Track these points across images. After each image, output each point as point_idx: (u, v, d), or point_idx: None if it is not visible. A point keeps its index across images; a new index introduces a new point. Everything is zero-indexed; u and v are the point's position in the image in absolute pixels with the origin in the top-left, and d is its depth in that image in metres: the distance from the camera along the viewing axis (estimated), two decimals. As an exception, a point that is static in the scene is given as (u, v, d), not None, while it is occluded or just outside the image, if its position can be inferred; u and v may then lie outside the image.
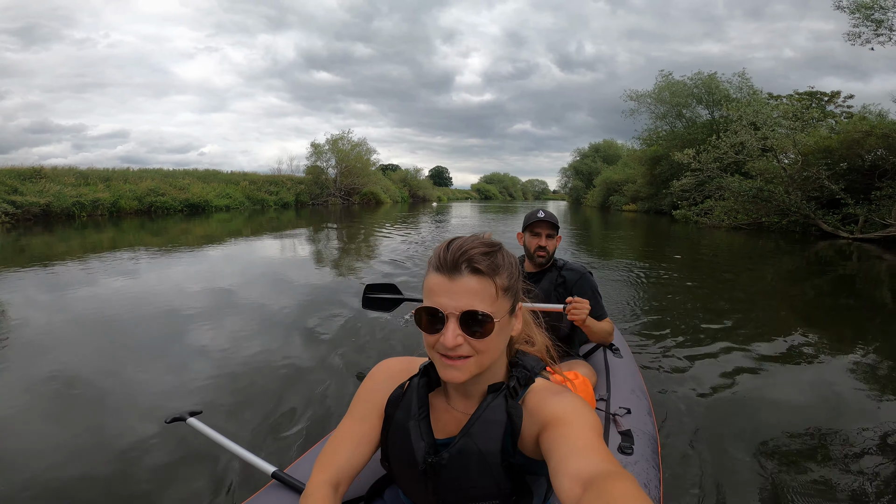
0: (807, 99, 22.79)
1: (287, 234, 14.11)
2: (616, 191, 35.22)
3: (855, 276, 8.25)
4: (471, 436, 0.81)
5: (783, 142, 14.23)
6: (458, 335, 0.76)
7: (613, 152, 51.83)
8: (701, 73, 24.38)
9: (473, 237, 0.82)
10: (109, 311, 4.81)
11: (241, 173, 32.14)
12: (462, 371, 0.79)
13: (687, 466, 2.12)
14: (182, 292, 5.64)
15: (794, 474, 2.13)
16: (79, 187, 20.87)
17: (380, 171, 42.54)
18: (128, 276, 6.83)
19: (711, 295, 6.15)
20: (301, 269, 7.93)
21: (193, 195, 25.02)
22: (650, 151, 27.12)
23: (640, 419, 1.70)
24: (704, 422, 2.57)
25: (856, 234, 12.17)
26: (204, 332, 4.18)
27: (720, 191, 16.91)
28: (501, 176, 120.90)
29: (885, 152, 12.26)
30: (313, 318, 4.56)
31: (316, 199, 33.59)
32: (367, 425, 0.91)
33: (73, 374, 3.19)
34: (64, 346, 3.83)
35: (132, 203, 22.10)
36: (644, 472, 1.41)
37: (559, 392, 0.82)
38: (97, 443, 2.33)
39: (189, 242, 11.54)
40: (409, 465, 0.86)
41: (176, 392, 2.92)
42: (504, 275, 0.80)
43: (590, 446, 0.70)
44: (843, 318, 5.42)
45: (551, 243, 2.10)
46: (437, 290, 0.78)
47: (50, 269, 7.45)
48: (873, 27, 12.28)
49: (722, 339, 4.10)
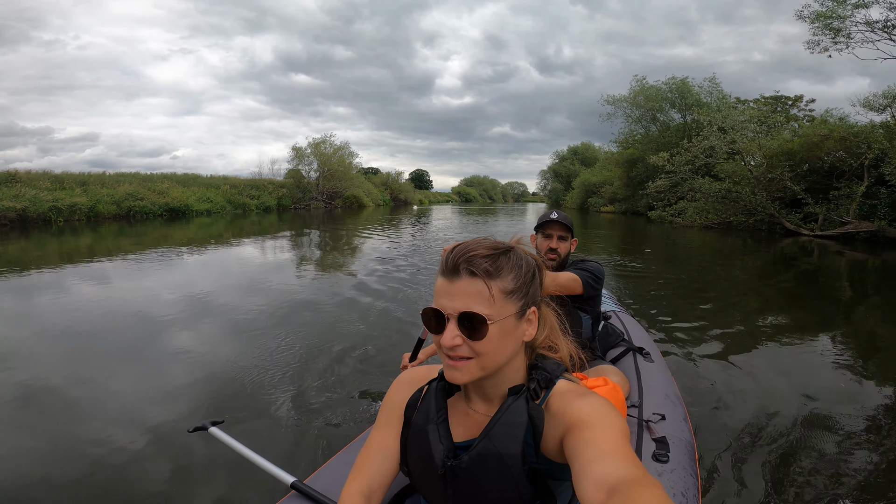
0: (772, 102, 23.97)
1: (270, 238, 14.06)
2: (594, 192, 36.04)
3: (818, 271, 8.75)
4: (491, 438, 0.81)
5: (749, 145, 15.05)
6: (455, 336, 0.77)
7: (591, 155, 53.03)
8: (674, 78, 25.37)
9: (478, 240, 0.83)
10: (90, 319, 4.66)
11: (221, 177, 31.71)
12: (463, 372, 0.79)
13: (725, 474, 2.09)
14: (160, 300, 5.43)
15: (838, 480, 2.10)
16: (54, 192, 20.39)
17: (361, 175, 42.59)
18: (108, 282, 6.73)
19: (736, 296, 6.25)
20: (294, 273, 7.77)
21: (173, 199, 24.58)
22: (626, 154, 27.99)
23: (675, 425, 1.66)
24: (740, 426, 2.53)
25: (816, 231, 13.01)
26: (210, 337, 4.10)
27: (692, 192, 17.75)
28: (481, 179, 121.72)
29: (843, 154, 13.08)
30: (322, 324, 4.45)
31: (298, 203, 33.47)
32: (391, 432, 0.92)
33: (52, 384, 3.10)
34: (44, 355, 3.70)
35: (110, 208, 21.62)
36: (681, 480, 1.37)
37: (584, 394, 0.81)
38: (81, 452, 2.30)
39: (171, 247, 11.33)
40: (429, 469, 0.86)
41: (189, 402, 2.87)
42: (509, 277, 0.80)
43: (615, 451, 0.68)
44: (807, 308, 5.73)
45: (563, 245, 2.03)
46: (440, 291, 0.80)
47: (25, 275, 7.28)
48: (832, 35, 13.11)
49: (759, 339, 4.17)
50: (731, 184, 15.91)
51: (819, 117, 16.56)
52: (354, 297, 5.51)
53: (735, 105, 23.17)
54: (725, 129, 15.86)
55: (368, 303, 5.26)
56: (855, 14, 12.42)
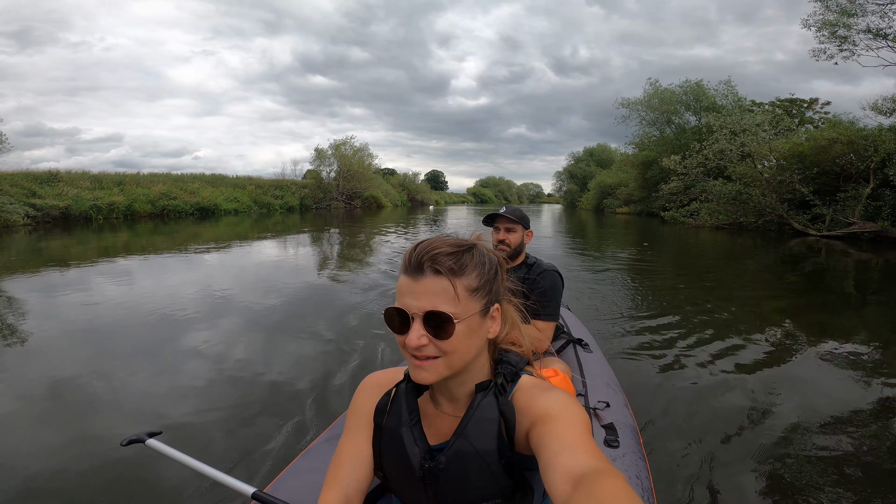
0: (787, 105, 24.13)
1: (291, 238, 14.31)
2: (610, 194, 36.31)
3: (825, 270, 9.01)
4: (465, 437, 0.81)
5: (760, 148, 15.48)
6: (421, 335, 0.77)
7: (607, 156, 53.12)
8: (689, 81, 25.65)
9: (441, 238, 0.82)
10: (112, 316, 4.83)
11: (246, 177, 32.92)
12: (430, 372, 0.79)
13: (668, 454, 2.21)
14: (180, 298, 5.57)
15: (769, 453, 2.23)
16: (94, 191, 21.59)
17: (381, 176, 43.55)
18: (138, 279, 7.01)
19: (683, 288, 6.46)
20: (301, 275, 7.58)
21: (203, 199, 25.72)
22: (642, 156, 28.31)
23: (619, 412, 1.73)
24: (677, 409, 2.69)
25: (823, 231, 13.40)
26: (188, 339, 4.13)
27: (704, 193, 18.18)
28: (497, 180, 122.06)
29: (852, 157, 13.44)
30: (299, 326, 4.45)
31: (319, 203, 34.54)
32: (362, 438, 0.91)
33: (64, 379, 3.20)
34: (65, 350, 3.86)
35: (146, 206, 22.72)
36: (633, 463, 1.43)
37: (547, 388, 0.82)
38: (68, 451, 2.30)
39: (200, 244, 11.75)
40: (406, 473, 0.85)
41: (143, 405, 2.81)
42: (473, 275, 0.80)
43: (579, 443, 0.70)
44: (812, 305, 5.83)
45: (511, 237, 2.14)
46: (403, 290, 0.79)
47: (64, 272, 7.59)
48: (837, 43, 13.49)
49: (692, 330, 4.28)
50: (742, 186, 16.35)
51: (829, 120, 16.89)
52: (345, 306, 5.30)
53: (750, 108, 23.40)
54: (736, 132, 16.30)
55: (356, 303, 5.25)
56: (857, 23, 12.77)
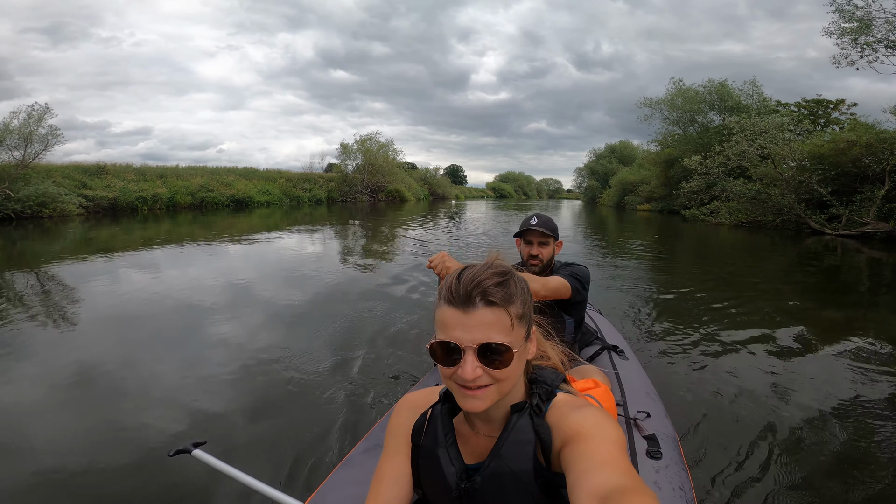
0: (813, 106, 24.18)
1: (324, 230, 14.80)
2: (631, 191, 36.44)
3: (840, 266, 9.36)
4: (501, 458, 0.81)
5: (780, 149, 15.90)
6: (476, 367, 0.76)
7: (629, 153, 52.94)
8: (712, 81, 25.79)
9: (484, 266, 0.83)
10: (151, 305, 5.02)
11: (276, 171, 34.23)
12: (483, 400, 0.79)
13: (709, 465, 2.13)
14: (215, 289, 5.71)
15: (815, 465, 2.17)
16: (138, 183, 22.96)
17: (404, 170, 44.52)
18: (181, 268, 7.38)
19: (705, 287, 6.41)
20: (339, 273, 7.36)
21: (238, 191, 27.05)
22: (664, 154, 28.46)
23: (659, 422, 1.69)
24: (714, 417, 2.62)
25: (839, 231, 13.81)
26: (220, 332, 4.16)
27: (725, 192, 18.64)
28: (516, 175, 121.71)
29: (868, 160, 13.78)
30: (331, 326, 4.32)
31: (345, 196, 35.71)
32: (400, 459, 0.92)
33: (101, 368, 3.30)
34: (107, 337, 4.03)
35: (186, 198, 24.07)
36: (676, 475, 1.39)
37: (580, 406, 0.82)
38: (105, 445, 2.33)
39: (234, 235, 12.31)
40: (444, 492, 0.86)
41: (176, 404, 2.78)
42: (518, 302, 0.81)
43: (610, 461, 0.68)
44: (831, 305, 5.85)
45: (544, 251, 2.07)
46: (451, 323, 0.78)
47: (109, 259, 8.07)
48: (859, 49, 13.82)
49: (719, 331, 4.20)
50: (762, 186, 16.78)
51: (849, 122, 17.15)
52: (380, 301, 5.31)
53: (776, 108, 23.54)
54: (756, 134, 16.73)
55: (387, 309, 5.00)
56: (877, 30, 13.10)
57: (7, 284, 6.24)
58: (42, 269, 7.28)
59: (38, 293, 5.77)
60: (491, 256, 0.88)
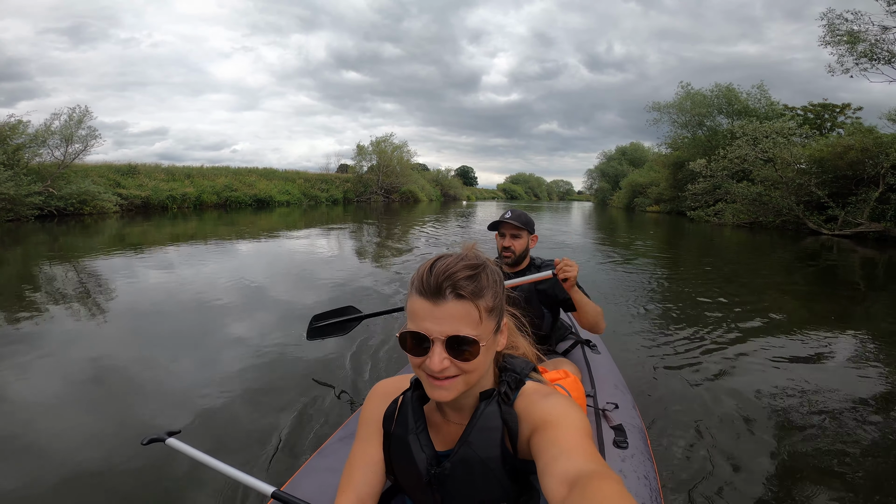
0: (819, 110, 24.67)
1: (339, 230, 14.87)
2: (641, 193, 36.98)
3: (837, 266, 9.69)
4: (469, 444, 0.84)
5: (781, 153, 16.61)
6: (444, 359, 0.78)
7: (640, 155, 53.28)
8: (719, 85, 26.38)
9: (457, 257, 0.82)
10: (164, 301, 5.11)
11: (294, 171, 35.37)
12: (450, 390, 0.81)
13: (675, 456, 2.20)
14: (231, 285, 5.80)
15: (776, 452, 2.23)
16: (168, 182, 24.10)
17: (417, 171, 45.51)
18: (202, 264, 7.52)
19: (693, 284, 6.56)
20: (336, 268, 7.38)
21: (260, 191, 28.14)
22: (674, 156, 28.97)
23: (627, 413, 1.73)
24: (681, 408, 2.69)
25: (835, 231, 14.52)
26: (212, 328, 4.24)
27: (729, 195, 19.37)
28: (527, 176, 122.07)
29: (871, 163, 14.42)
30: None
31: (360, 197, 36.82)
32: (373, 445, 0.94)
33: (109, 363, 3.33)
34: (121, 332, 4.08)
35: (212, 197, 25.16)
36: (641, 464, 1.45)
37: (548, 394, 0.84)
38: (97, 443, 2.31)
39: (256, 233, 12.73)
40: (415, 478, 0.89)
41: (162, 401, 2.79)
42: (489, 296, 0.81)
43: (576, 447, 0.71)
44: (820, 298, 6.06)
45: (517, 243, 2.12)
46: (421, 314, 0.79)
47: (139, 255, 8.30)
48: (855, 58, 14.46)
49: (699, 328, 4.28)
50: (764, 188, 17.49)
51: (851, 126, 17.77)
52: (368, 303, 5.21)
53: (783, 112, 24.06)
54: (759, 138, 17.46)
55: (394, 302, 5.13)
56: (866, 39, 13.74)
57: (46, 277, 6.53)
58: (79, 262, 7.63)
59: (75, 284, 6.06)
60: (466, 247, 0.89)
